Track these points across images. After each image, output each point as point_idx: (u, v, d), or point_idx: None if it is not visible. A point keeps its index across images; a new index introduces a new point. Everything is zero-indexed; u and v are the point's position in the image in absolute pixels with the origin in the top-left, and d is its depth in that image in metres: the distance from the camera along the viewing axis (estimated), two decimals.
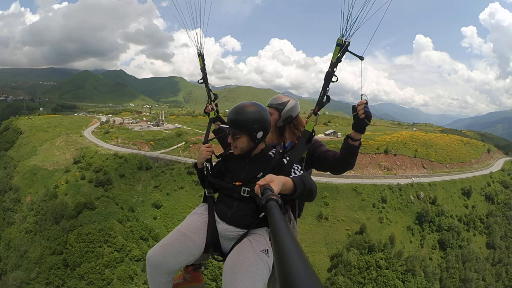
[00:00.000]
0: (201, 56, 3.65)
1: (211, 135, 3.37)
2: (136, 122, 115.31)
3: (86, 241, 51.48)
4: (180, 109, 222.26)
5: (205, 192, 2.87)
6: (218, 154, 2.98)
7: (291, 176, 2.30)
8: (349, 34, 2.63)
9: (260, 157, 2.67)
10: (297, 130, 3.29)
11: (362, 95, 2.74)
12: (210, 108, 3.50)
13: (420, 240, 56.52)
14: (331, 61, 2.74)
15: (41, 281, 48.64)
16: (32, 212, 63.46)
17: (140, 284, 47.81)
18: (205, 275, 46.38)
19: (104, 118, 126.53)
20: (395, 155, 68.20)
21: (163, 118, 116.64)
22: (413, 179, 63.64)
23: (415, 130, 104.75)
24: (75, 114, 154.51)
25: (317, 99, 2.84)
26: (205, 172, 2.90)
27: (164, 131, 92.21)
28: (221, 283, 2.38)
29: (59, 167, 74.00)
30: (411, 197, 60.45)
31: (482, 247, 60.72)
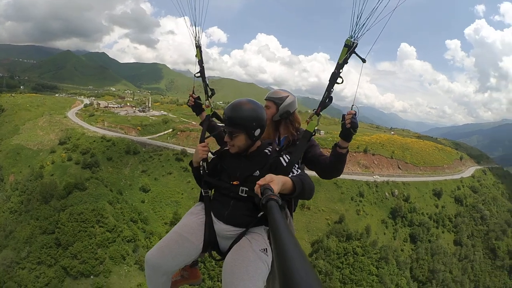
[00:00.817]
0: (199, 48, 3.64)
1: (207, 133, 3.33)
2: (121, 107, 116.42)
3: (78, 220, 52.61)
4: (162, 96, 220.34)
5: (201, 191, 2.93)
6: (213, 151, 2.98)
7: (290, 176, 2.35)
8: (357, 35, 2.70)
9: (257, 155, 2.70)
10: (292, 126, 3.39)
11: (353, 106, 2.83)
12: (206, 104, 3.52)
13: (393, 233, 61.09)
14: (338, 62, 2.81)
15: (32, 260, 49.46)
16: (16, 192, 63.73)
17: (132, 264, 49.67)
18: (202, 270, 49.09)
19: (86, 101, 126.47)
20: (373, 154, 73.18)
21: (150, 105, 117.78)
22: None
23: (392, 134, 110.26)
24: (57, 95, 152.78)
25: (321, 99, 2.93)
26: (201, 171, 2.94)
27: (151, 117, 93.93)
28: (217, 281, 3.36)
29: (43, 148, 74.52)
30: (386, 194, 65.18)
31: (449, 244, 65.76)
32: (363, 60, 2.74)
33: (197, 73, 3.61)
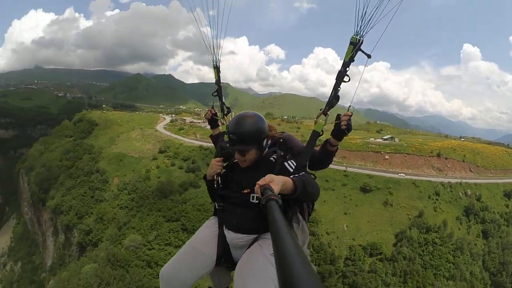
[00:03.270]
0: (216, 68, 3.96)
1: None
2: (204, 122, 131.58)
3: (201, 210, 64.74)
4: (231, 113, 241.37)
5: (215, 204, 3.11)
6: (225, 165, 3.20)
7: (291, 176, 2.41)
8: (363, 32, 2.81)
9: (263, 164, 2.86)
10: (272, 131, 3.42)
11: (350, 106, 2.96)
12: (222, 122, 3.83)
13: (467, 229, 70.81)
14: (344, 60, 2.92)
15: (160, 242, 59.51)
16: (125, 191, 75.47)
17: None
18: None
19: (167, 117, 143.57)
20: (446, 158, 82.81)
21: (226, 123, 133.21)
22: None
23: (463, 140, 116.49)
24: (137, 113, 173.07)
25: (327, 100, 3.06)
26: (215, 185, 3.08)
27: None
28: None
29: (144, 155, 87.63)
30: (460, 194, 74.92)
31: None
32: (368, 56, 2.88)
33: (214, 92, 3.99)
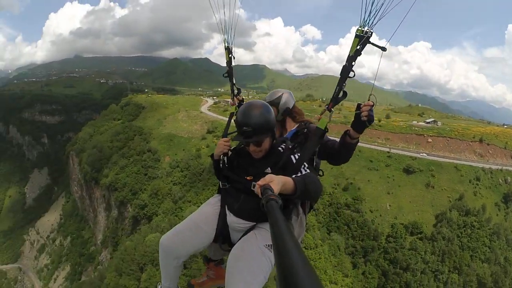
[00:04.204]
0: (227, 49, 3.88)
1: (231, 129, 3.51)
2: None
3: None
4: (266, 94, 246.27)
5: (219, 183, 3.20)
6: (232, 148, 3.26)
7: (292, 176, 2.42)
8: (371, 23, 2.65)
9: (271, 153, 2.88)
10: (295, 119, 3.71)
11: (370, 95, 2.85)
12: (232, 102, 3.84)
13: (504, 216, 73.44)
14: (348, 55, 2.79)
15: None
16: (177, 168, 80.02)
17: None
18: None
19: (209, 100, 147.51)
20: (488, 144, 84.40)
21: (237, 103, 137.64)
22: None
23: (506, 127, 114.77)
24: (179, 95, 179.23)
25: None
26: (221, 165, 3.21)
27: None
28: None
29: (193, 136, 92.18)
30: (500, 180, 77.24)
31: None
32: (383, 49, 2.73)
33: (225, 73, 3.98)
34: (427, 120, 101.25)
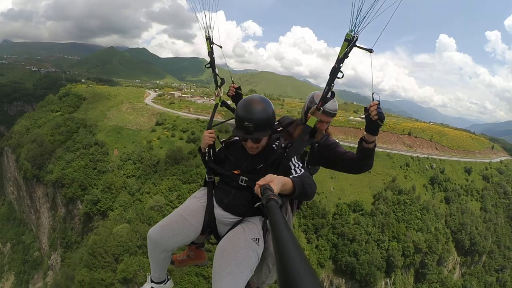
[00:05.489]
0: (208, 39, 3.93)
1: (215, 121, 3.59)
2: (192, 97, 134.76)
3: None
4: (208, 89, 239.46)
5: (206, 176, 3.21)
6: (222, 140, 3.23)
7: (291, 177, 2.47)
8: (358, 29, 2.76)
9: (266, 149, 2.93)
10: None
11: (373, 94, 2.91)
12: (216, 93, 3.87)
13: (432, 195, 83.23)
14: (338, 57, 2.87)
15: (182, 201, 67.19)
16: (129, 161, 78.46)
17: None
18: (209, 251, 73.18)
19: (151, 92, 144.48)
20: (415, 137, 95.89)
21: (221, 94, 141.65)
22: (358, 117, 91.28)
23: (431, 124, 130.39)
24: (117, 87, 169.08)
25: (323, 94, 3.00)
26: (206, 157, 3.19)
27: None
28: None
29: (142, 128, 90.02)
30: (426, 166, 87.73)
31: (476, 210, 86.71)
32: (370, 51, 2.78)
33: (207, 64, 4.03)
34: (362, 116, 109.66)
